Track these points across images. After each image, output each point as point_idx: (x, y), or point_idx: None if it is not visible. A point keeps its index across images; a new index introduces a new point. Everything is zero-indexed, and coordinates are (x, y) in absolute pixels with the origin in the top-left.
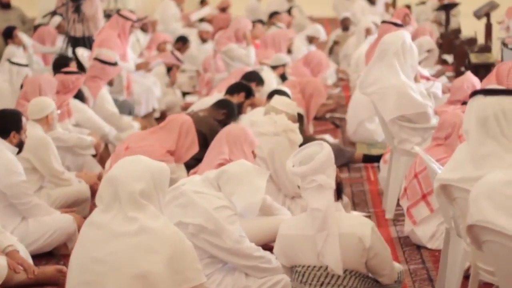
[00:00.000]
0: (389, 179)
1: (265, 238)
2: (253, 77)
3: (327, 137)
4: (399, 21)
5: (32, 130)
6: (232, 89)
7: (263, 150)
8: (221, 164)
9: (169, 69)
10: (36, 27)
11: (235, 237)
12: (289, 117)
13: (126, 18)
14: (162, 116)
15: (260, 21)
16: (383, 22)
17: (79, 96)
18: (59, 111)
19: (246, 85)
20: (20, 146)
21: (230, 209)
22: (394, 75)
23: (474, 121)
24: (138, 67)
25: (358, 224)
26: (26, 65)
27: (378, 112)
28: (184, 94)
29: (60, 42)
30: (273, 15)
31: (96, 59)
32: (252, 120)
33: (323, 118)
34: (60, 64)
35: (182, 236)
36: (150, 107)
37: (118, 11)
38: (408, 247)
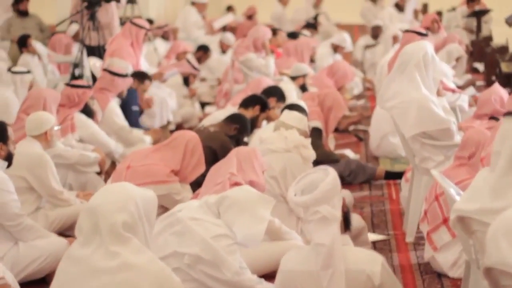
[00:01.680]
0: (410, 199)
1: (272, 266)
2: (274, 92)
3: (348, 152)
4: (423, 31)
5: (29, 147)
6: (247, 102)
7: (274, 168)
8: (229, 179)
9: (186, 79)
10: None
11: (234, 269)
12: (300, 133)
13: (140, 27)
14: (179, 129)
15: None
16: (406, 31)
17: (86, 110)
18: (59, 127)
19: (261, 98)
20: (9, 159)
21: (230, 238)
22: (415, 89)
23: (510, 146)
24: (152, 77)
25: (367, 259)
26: (28, 72)
27: (397, 128)
28: (204, 104)
29: (76, 51)
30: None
31: (105, 70)
32: (262, 137)
33: (346, 131)
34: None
35: (169, 273)
36: (165, 119)
37: (131, 20)
38: (428, 274)
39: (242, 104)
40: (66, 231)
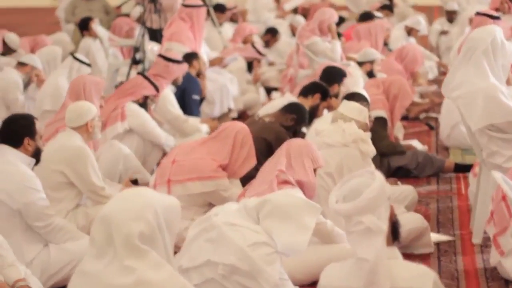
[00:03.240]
0: (477, 196)
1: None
2: (336, 77)
3: (415, 142)
4: (495, 13)
5: (69, 139)
6: (306, 90)
7: (330, 163)
8: (277, 177)
9: (250, 64)
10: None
11: (273, 280)
12: (359, 125)
13: (193, 6)
14: (241, 116)
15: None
16: (477, 14)
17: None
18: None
19: (322, 85)
20: (37, 155)
21: (269, 246)
22: (482, 77)
23: None
24: (212, 63)
25: (417, 276)
26: (89, 65)
27: (464, 120)
28: (271, 90)
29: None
30: None
31: (160, 55)
32: (318, 129)
33: (416, 119)
34: None
35: None
36: (225, 107)
37: (183, 3)
38: (495, 281)
39: (302, 92)
40: None
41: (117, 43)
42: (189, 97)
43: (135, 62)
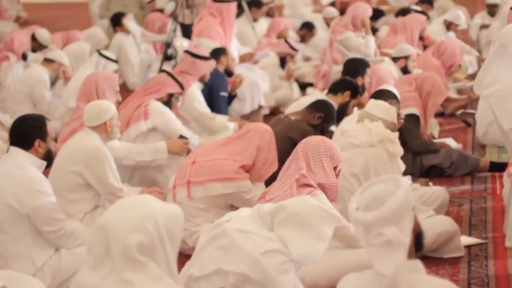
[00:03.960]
0: (511, 197)
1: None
2: (359, 69)
3: (450, 141)
4: None
5: (86, 139)
6: (336, 87)
7: (355, 164)
8: (297, 181)
9: (283, 59)
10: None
11: None
12: (387, 125)
13: (223, 1)
14: (274, 113)
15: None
16: None
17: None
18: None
19: (352, 82)
20: (48, 157)
21: (283, 255)
22: None
23: None
24: (242, 59)
25: None
26: (116, 61)
27: (496, 119)
28: (306, 85)
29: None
30: None
31: (186, 52)
32: (344, 128)
33: (453, 116)
34: None
35: None
36: (256, 104)
37: None
38: None
39: (331, 89)
40: None
41: (149, 39)
42: (216, 94)
43: (166, 58)
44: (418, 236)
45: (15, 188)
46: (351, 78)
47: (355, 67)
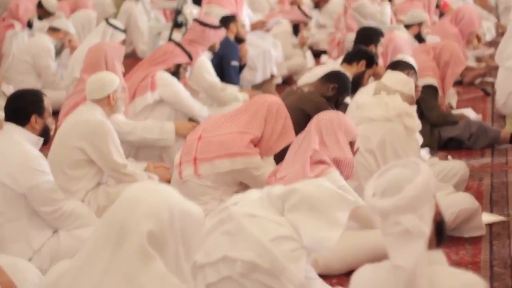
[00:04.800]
0: None
1: (360, 258)
2: (372, 38)
3: (469, 111)
4: None
5: (89, 113)
6: (351, 56)
7: (371, 140)
8: (311, 158)
9: (296, 27)
10: None
11: (298, 280)
12: (404, 98)
13: None
14: (287, 82)
15: None
16: None
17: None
18: (122, 89)
19: (368, 51)
20: (45, 134)
21: (294, 241)
22: None
23: None
24: (253, 26)
25: (463, 286)
26: (124, 31)
27: None
28: (321, 53)
29: None
30: None
31: (196, 20)
32: (359, 102)
33: (471, 85)
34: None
35: None
36: (268, 73)
37: None
38: None
39: (346, 58)
40: None
41: (158, 5)
42: (227, 63)
43: (176, 25)
44: (439, 226)
45: (10, 166)
46: (364, 46)
47: (368, 35)
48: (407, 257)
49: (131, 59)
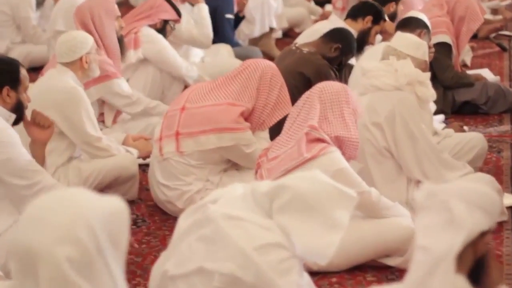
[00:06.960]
0: None
1: (366, 252)
2: None
3: (486, 72)
4: None
5: (58, 78)
6: (355, 11)
7: (378, 112)
8: (307, 135)
9: None
10: None
11: None
12: (417, 64)
13: None
14: (288, 35)
15: None
16: None
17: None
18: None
19: (375, 5)
20: (18, 110)
21: (284, 249)
22: None
23: None
24: None
25: None
26: None
27: None
28: (324, 3)
29: None
30: None
31: None
32: (365, 67)
33: (486, 39)
34: None
35: None
36: (266, 26)
37: None
38: None
39: (350, 13)
40: (105, 190)
41: None
42: (221, 16)
43: None
44: (479, 262)
45: None
46: (382, 2)
47: None
48: (438, 241)
49: (124, 8)
